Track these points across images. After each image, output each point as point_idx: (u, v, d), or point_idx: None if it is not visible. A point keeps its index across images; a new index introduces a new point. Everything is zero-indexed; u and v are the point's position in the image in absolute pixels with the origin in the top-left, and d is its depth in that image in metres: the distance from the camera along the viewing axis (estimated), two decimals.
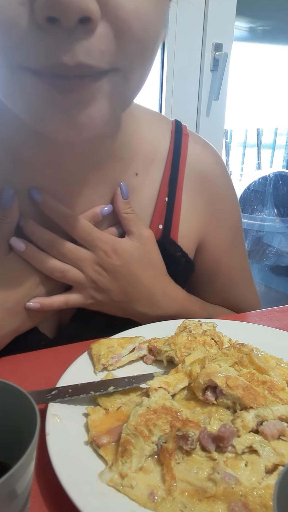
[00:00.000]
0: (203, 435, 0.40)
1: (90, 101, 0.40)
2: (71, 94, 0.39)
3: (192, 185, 0.66)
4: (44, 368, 0.55)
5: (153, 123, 0.65)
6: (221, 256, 0.72)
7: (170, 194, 0.64)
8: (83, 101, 0.40)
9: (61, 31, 0.36)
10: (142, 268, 0.60)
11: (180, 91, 1.52)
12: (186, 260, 0.67)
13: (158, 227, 0.64)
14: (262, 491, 0.35)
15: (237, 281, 0.75)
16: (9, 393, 0.31)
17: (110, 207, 0.59)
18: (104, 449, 0.40)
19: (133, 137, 0.61)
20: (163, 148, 0.65)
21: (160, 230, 0.64)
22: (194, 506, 0.35)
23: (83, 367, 0.53)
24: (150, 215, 0.64)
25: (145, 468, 0.38)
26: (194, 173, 0.66)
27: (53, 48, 0.37)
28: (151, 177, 0.63)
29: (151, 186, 0.63)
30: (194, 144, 0.67)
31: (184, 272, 0.69)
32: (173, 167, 0.64)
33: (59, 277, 0.57)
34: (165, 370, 0.54)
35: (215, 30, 1.49)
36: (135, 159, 0.62)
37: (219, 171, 0.69)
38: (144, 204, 0.63)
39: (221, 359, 0.49)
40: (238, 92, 1.77)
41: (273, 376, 0.48)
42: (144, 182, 0.63)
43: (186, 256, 0.67)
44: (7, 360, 0.56)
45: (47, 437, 0.40)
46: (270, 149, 3.20)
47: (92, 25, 0.36)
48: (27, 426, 0.29)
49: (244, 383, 0.45)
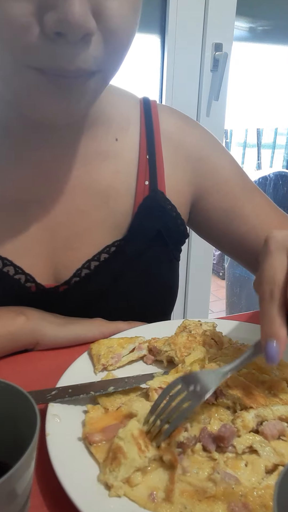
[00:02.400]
0: (203, 435, 0.40)
1: (81, 93, 0.48)
2: (66, 90, 0.46)
3: (169, 143, 0.69)
4: (44, 368, 0.55)
5: (122, 93, 0.70)
6: (236, 200, 0.71)
7: (149, 152, 0.67)
8: (77, 92, 0.47)
9: (65, 43, 0.42)
10: None
11: (180, 91, 1.52)
12: (176, 214, 0.69)
13: (144, 184, 0.66)
14: (262, 491, 0.35)
15: (266, 222, 0.72)
16: (9, 393, 0.31)
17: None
18: (95, 446, 0.40)
19: (108, 105, 0.65)
20: (135, 114, 0.69)
21: (146, 186, 0.66)
22: (194, 507, 0.35)
23: (83, 367, 0.53)
24: (135, 174, 0.66)
25: (146, 469, 0.38)
26: (168, 133, 0.69)
27: (58, 56, 0.43)
28: (129, 140, 0.67)
29: (131, 148, 0.67)
30: (162, 108, 0.71)
31: (176, 229, 0.70)
32: (148, 128, 0.68)
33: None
34: (165, 370, 0.54)
35: (215, 30, 1.49)
36: (113, 125, 0.66)
37: (191, 127, 0.72)
38: (128, 166, 0.66)
39: (221, 359, 0.49)
40: (238, 92, 1.76)
41: (273, 376, 0.48)
42: (124, 146, 0.66)
43: (175, 210, 0.68)
44: (7, 360, 0.56)
45: (47, 437, 0.40)
46: (270, 149, 3.20)
47: (90, 37, 0.43)
48: (27, 426, 0.29)
49: (244, 383, 0.45)
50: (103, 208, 0.64)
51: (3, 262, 0.60)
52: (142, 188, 0.66)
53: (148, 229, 0.66)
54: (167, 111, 0.71)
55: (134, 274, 0.67)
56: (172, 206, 0.68)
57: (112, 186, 0.65)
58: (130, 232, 0.65)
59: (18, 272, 0.60)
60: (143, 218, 0.65)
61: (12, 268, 0.60)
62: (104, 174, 0.64)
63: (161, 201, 0.67)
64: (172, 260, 0.72)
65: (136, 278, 0.67)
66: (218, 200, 0.71)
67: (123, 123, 0.67)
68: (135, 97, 0.71)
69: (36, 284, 0.61)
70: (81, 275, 0.63)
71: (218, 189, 0.71)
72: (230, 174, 0.73)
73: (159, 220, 0.66)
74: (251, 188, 0.74)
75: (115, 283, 0.65)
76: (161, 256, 0.70)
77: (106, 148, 0.65)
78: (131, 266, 0.66)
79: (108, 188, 0.64)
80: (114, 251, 0.64)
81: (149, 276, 0.69)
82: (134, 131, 0.67)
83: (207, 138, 0.73)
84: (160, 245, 0.68)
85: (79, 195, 0.63)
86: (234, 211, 0.71)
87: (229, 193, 0.71)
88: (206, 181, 0.71)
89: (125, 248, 0.65)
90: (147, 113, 0.69)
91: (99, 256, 0.64)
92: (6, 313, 0.56)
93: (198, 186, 0.71)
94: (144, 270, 0.68)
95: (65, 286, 0.63)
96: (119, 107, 0.67)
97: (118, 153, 0.66)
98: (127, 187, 0.66)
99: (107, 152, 0.65)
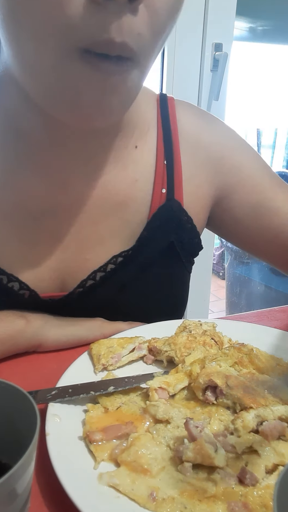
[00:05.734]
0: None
1: (122, 88, 0.45)
2: (111, 77, 0.43)
3: (188, 145, 0.66)
4: (44, 368, 0.55)
5: (142, 95, 0.66)
6: (265, 193, 0.67)
7: (167, 157, 0.64)
8: (119, 86, 0.45)
9: (114, 6, 0.39)
10: None
11: (180, 91, 1.52)
12: (191, 226, 0.66)
13: (161, 192, 0.63)
14: (262, 491, 0.35)
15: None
16: (9, 393, 0.31)
17: None
18: (96, 445, 0.40)
19: (132, 111, 0.61)
20: (153, 116, 0.65)
21: (163, 194, 0.63)
22: (194, 507, 0.35)
23: (83, 367, 0.53)
24: (152, 182, 0.63)
25: (147, 469, 0.38)
26: (187, 134, 0.66)
27: (106, 23, 0.40)
28: (148, 146, 0.64)
29: (149, 154, 0.64)
30: (180, 106, 0.68)
31: (190, 241, 0.67)
32: (165, 130, 0.65)
33: None
34: (165, 370, 0.54)
35: (215, 30, 1.49)
36: (135, 133, 0.63)
37: (211, 124, 0.69)
38: (146, 173, 0.63)
39: (221, 359, 0.49)
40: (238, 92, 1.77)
41: (273, 376, 0.48)
42: (143, 152, 0.63)
43: (191, 222, 0.66)
44: (8, 361, 0.56)
45: (47, 437, 0.40)
46: (270, 149, 3.20)
47: (138, 3, 0.40)
48: (27, 426, 0.29)
49: (244, 383, 0.45)
50: (118, 219, 0.62)
51: (9, 278, 0.58)
52: (158, 197, 0.63)
53: (160, 240, 0.64)
54: (184, 108, 0.68)
55: (142, 285, 0.65)
56: (188, 218, 0.65)
57: (129, 196, 0.62)
58: (140, 243, 0.62)
59: (23, 288, 0.59)
60: (156, 228, 0.63)
61: (17, 284, 0.59)
62: (122, 184, 0.62)
63: (177, 211, 0.64)
64: (183, 272, 0.70)
65: (143, 290, 0.65)
66: (244, 195, 0.67)
67: (144, 128, 0.64)
68: (152, 94, 0.68)
69: (39, 298, 0.60)
70: (86, 285, 0.62)
71: (243, 185, 0.67)
72: (255, 169, 0.69)
73: (173, 231, 0.64)
74: (280, 182, 0.70)
75: (120, 294, 0.64)
76: (172, 268, 0.67)
77: (126, 157, 0.62)
78: (139, 277, 0.64)
79: (125, 198, 0.62)
80: (121, 261, 0.62)
81: (158, 288, 0.66)
82: (152, 135, 0.64)
83: (228, 135, 0.69)
84: (171, 258, 0.66)
85: (94, 205, 0.61)
86: (263, 205, 0.67)
87: (256, 186, 0.67)
88: (230, 178, 0.67)
89: (134, 259, 0.62)
90: (164, 113, 0.66)
91: (106, 267, 0.62)
92: (6, 316, 0.56)
93: (221, 186, 0.67)
94: (153, 282, 0.65)
95: (68, 297, 0.62)
96: (140, 111, 0.64)
97: (137, 161, 0.63)
98: (144, 196, 0.63)
99: (127, 161, 0.62)
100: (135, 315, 0.65)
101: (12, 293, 0.59)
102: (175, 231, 0.64)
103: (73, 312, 0.62)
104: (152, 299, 0.67)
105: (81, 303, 0.62)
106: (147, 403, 0.45)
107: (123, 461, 0.38)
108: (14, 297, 0.59)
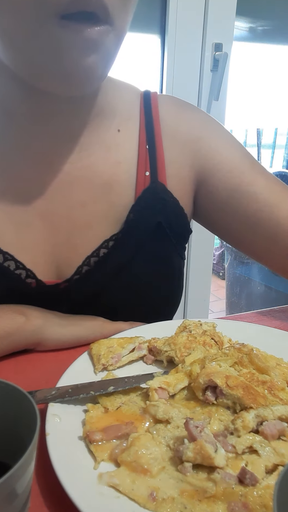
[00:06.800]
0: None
1: (98, 45, 0.47)
2: (90, 38, 0.45)
3: (168, 130, 0.68)
4: (44, 368, 0.55)
5: (125, 86, 0.70)
6: (242, 178, 0.67)
7: (149, 142, 0.66)
8: (98, 45, 0.47)
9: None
10: None
11: (180, 91, 1.52)
12: (178, 207, 0.67)
13: (145, 175, 0.65)
14: (262, 491, 0.35)
15: (281, 199, 0.67)
16: (9, 393, 0.31)
17: None
18: (96, 445, 0.40)
19: (113, 96, 0.65)
20: (136, 105, 0.68)
21: (147, 176, 0.65)
22: (194, 507, 0.35)
23: (83, 367, 0.53)
24: (135, 165, 0.65)
25: (147, 469, 0.38)
26: (167, 120, 0.68)
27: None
28: (130, 131, 0.66)
29: (132, 139, 0.66)
30: (161, 97, 0.71)
31: (179, 222, 0.68)
32: (147, 118, 0.67)
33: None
34: (165, 370, 0.54)
35: (215, 30, 1.49)
36: (116, 116, 0.65)
37: (189, 111, 0.71)
38: (129, 157, 0.65)
39: (221, 359, 0.49)
40: (238, 92, 1.76)
41: (273, 376, 0.48)
42: (125, 137, 0.66)
43: (177, 203, 0.67)
44: (7, 360, 0.56)
45: (47, 437, 0.40)
46: (270, 149, 3.20)
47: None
48: (27, 426, 0.29)
49: (244, 383, 0.45)
50: (104, 201, 0.64)
51: (4, 256, 0.59)
52: (142, 179, 0.65)
53: (148, 222, 0.65)
54: (165, 100, 0.71)
55: (136, 267, 0.66)
56: (174, 199, 0.67)
57: (113, 178, 0.64)
58: (128, 225, 0.64)
59: (19, 267, 0.60)
60: (143, 210, 0.64)
61: (13, 262, 0.59)
62: (106, 166, 0.64)
63: (162, 193, 0.65)
64: (175, 256, 0.71)
65: (138, 271, 0.66)
66: (221, 179, 0.67)
67: (126, 114, 0.67)
68: (136, 89, 0.71)
69: (37, 280, 0.61)
70: (82, 272, 0.63)
71: (220, 168, 0.67)
72: (232, 153, 0.69)
73: (159, 212, 0.65)
74: (260, 168, 0.70)
75: (116, 278, 0.65)
76: (163, 250, 0.68)
77: (109, 139, 0.64)
78: (132, 259, 0.65)
79: (110, 180, 0.64)
80: (113, 245, 0.63)
81: (151, 270, 0.67)
82: (135, 122, 0.67)
83: (205, 120, 0.71)
84: (161, 239, 0.67)
85: (80, 187, 0.63)
86: (240, 189, 0.66)
87: (233, 170, 0.67)
88: (207, 161, 0.68)
89: (124, 241, 0.64)
90: (147, 104, 0.69)
91: (99, 252, 0.63)
92: (6, 312, 0.56)
93: (200, 169, 0.68)
94: (146, 264, 0.66)
95: (66, 283, 0.63)
96: (122, 99, 0.67)
97: (120, 144, 0.65)
98: (128, 178, 0.65)
99: (110, 143, 0.64)
100: (131, 301, 0.66)
101: (8, 273, 0.59)
102: (161, 212, 0.65)
103: (71, 300, 0.63)
104: (147, 283, 0.67)
105: (78, 289, 0.63)
106: (147, 403, 0.45)
107: (123, 461, 0.38)
108: (10, 277, 0.60)
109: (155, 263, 0.67)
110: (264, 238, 0.68)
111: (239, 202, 0.67)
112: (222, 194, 0.68)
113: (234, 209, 0.67)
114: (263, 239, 0.68)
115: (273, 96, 2.02)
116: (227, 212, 0.68)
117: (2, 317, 0.55)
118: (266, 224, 0.66)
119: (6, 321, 0.55)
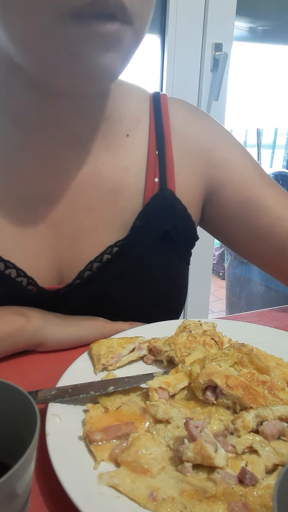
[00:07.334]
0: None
1: (117, 42, 0.45)
2: (106, 35, 0.44)
3: (178, 137, 0.67)
4: (44, 368, 0.55)
5: (133, 88, 0.68)
6: (253, 191, 0.67)
7: (159, 148, 0.65)
8: (114, 44, 0.45)
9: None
10: None
11: (180, 91, 1.52)
12: (186, 215, 0.66)
13: (154, 181, 0.64)
14: (262, 491, 0.35)
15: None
16: (9, 393, 0.31)
17: None
18: (96, 445, 0.40)
19: (122, 100, 0.64)
20: (145, 109, 0.67)
21: (156, 183, 0.64)
22: (194, 507, 0.35)
23: (83, 367, 0.53)
24: (144, 170, 0.64)
25: (147, 469, 0.38)
26: (177, 127, 0.67)
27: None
28: (139, 136, 0.65)
29: (141, 144, 0.65)
30: (172, 101, 0.69)
31: (186, 230, 0.68)
32: (157, 123, 0.66)
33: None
34: (165, 370, 0.54)
35: (215, 30, 1.49)
36: (125, 120, 0.64)
37: (200, 118, 0.70)
38: (137, 162, 0.64)
39: (221, 359, 0.49)
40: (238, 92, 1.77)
41: (273, 376, 0.48)
42: (134, 141, 0.65)
43: (185, 211, 0.66)
44: (8, 360, 0.56)
45: (47, 437, 0.40)
46: (270, 149, 3.20)
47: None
48: (27, 426, 0.29)
49: (244, 383, 0.45)
50: (112, 207, 0.63)
51: (5, 264, 0.59)
52: (151, 185, 0.64)
53: (155, 229, 0.64)
54: (176, 103, 0.69)
55: (139, 276, 0.65)
56: (182, 206, 0.66)
57: (121, 183, 0.63)
58: (134, 232, 0.63)
59: (20, 275, 0.59)
60: (150, 217, 0.63)
61: (15, 270, 0.59)
62: (114, 171, 0.62)
63: (170, 200, 0.64)
64: (181, 263, 0.70)
65: (141, 280, 0.65)
66: (232, 191, 0.67)
67: (135, 118, 0.65)
68: (145, 92, 0.70)
69: (38, 287, 0.61)
70: (83, 277, 0.62)
71: (231, 180, 0.67)
72: (243, 165, 0.69)
73: (167, 219, 0.64)
74: (271, 182, 0.70)
75: (118, 284, 0.64)
76: (169, 257, 0.67)
77: (117, 144, 0.63)
78: (135, 267, 0.64)
79: (118, 186, 0.62)
80: (117, 251, 0.62)
81: (156, 279, 0.66)
82: (144, 127, 0.66)
83: (216, 128, 0.70)
84: (168, 246, 0.66)
85: (87, 192, 0.61)
86: (251, 202, 0.67)
87: (244, 182, 0.67)
88: (218, 172, 0.67)
89: (129, 248, 0.63)
90: (157, 108, 0.67)
91: (102, 257, 0.62)
92: (6, 314, 0.56)
93: (211, 179, 0.68)
94: (150, 271, 0.65)
95: (67, 288, 0.62)
96: (131, 102, 0.66)
97: (129, 149, 0.64)
98: (137, 184, 0.64)
99: (118, 148, 0.63)
100: (133, 306, 0.65)
101: (9, 281, 0.59)
102: (169, 219, 0.65)
103: (72, 305, 0.62)
104: (150, 290, 0.67)
105: (80, 295, 0.63)
106: (147, 403, 0.45)
107: (123, 461, 0.38)
108: (11, 284, 0.59)
109: (159, 270, 0.66)
110: (273, 250, 0.68)
111: (250, 215, 0.67)
112: (233, 206, 0.68)
113: (244, 221, 0.68)
114: (272, 250, 0.68)
115: (273, 96, 2.02)
116: (237, 223, 0.68)
117: (2, 318, 0.55)
118: (277, 237, 0.67)
119: (6, 323, 0.55)
